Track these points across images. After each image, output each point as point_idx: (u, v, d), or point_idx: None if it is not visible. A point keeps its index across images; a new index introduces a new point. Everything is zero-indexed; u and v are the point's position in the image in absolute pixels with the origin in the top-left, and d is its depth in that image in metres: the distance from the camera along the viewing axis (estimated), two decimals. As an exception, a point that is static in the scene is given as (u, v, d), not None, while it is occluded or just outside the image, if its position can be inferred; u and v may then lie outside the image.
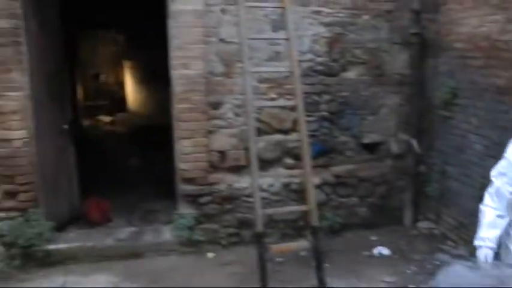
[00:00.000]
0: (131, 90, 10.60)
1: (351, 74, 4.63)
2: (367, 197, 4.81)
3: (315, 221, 3.65)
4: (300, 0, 4.34)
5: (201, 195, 4.35)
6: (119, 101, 11.71)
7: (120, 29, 10.82)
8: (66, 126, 4.67)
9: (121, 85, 12.19)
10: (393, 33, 4.67)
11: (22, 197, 4.13)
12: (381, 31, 4.64)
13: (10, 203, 4.13)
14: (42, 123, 4.27)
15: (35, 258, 4.10)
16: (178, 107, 4.19)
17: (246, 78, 3.65)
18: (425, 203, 4.85)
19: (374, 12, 4.58)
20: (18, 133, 4.05)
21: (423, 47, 4.68)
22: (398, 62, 4.73)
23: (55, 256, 4.16)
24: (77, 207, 4.87)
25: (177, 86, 4.16)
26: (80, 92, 8.89)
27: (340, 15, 4.49)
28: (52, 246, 4.18)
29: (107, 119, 12.06)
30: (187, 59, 4.10)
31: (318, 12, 4.43)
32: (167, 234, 4.42)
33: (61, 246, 4.23)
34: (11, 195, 4.12)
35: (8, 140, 4.04)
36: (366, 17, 4.57)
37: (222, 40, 4.24)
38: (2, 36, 3.89)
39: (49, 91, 4.42)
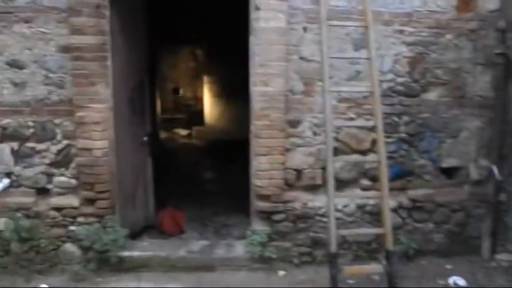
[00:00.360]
0: (209, 104, 10.84)
1: (432, 95, 4.53)
2: (444, 224, 4.67)
3: (389, 244, 3.62)
4: (383, 19, 4.33)
5: (275, 213, 4.38)
6: (196, 115, 11.99)
7: (200, 44, 11.21)
8: (145, 138, 4.83)
9: (199, 99, 12.54)
10: (476, 53, 4.56)
11: (100, 204, 4.32)
12: (464, 51, 4.54)
13: (89, 209, 4.33)
14: (123, 134, 4.46)
15: (109, 263, 4.28)
16: (256, 124, 4.25)
17: (325, 97, 3.69)
18: (505, 233, 4.67)
19: (457, 31, 4.49)
20: (99, 143, 4.23)
21: (508, 68, 4.53)
22: (481, 83, 4.60)
23: (128, 263, 4.32)
24: (151, 216, 5.04)
25: (257, 102, 4.22)
26: (158, 105, 9.12)
27: (423, 34, 4.43)
28: (126, 253, 4.34)
29: (183, 132, 12.37)
30: (267, 76, 4.16)
31: (400, 31, 4.40)
32: (239, 249, 4.48)
33: (135, 253, 4.38)
34: (90, 201, 4.32)
35: (90, 150, 4.24)
36: (448, 36, 4.48)
37: (303, 58, 4.28)
38: (89, 51, 4.09)
39: (131, 104, 4.61)
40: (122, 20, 4.36)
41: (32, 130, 4.29)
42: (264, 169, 4.28)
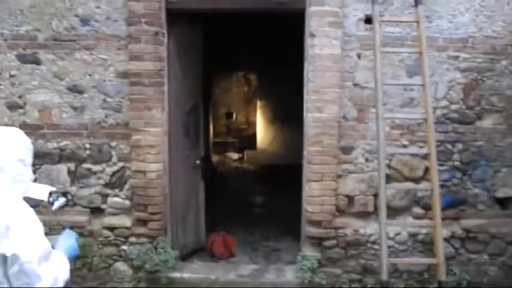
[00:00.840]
0: (261, 128, 10.97)
1: (486, 122, 4.48)
2: (499, 256, 4.57)
3: (442, 275, 3.58)
4: (437, 45, 4.34)
5: (326, 239, 4.42)
6: (249, 139, 12.20)
7: (253, 69, 11.39)
8: (198, 162, 4.96)
9: (251, 123, 12.76)
10: (533, 80, 4.46)
11: (152, 225, 4.46)
12: (520, 78, 4.44)
13: (141, 230, 4.48)
14: (176, 157, 4.62)
15: (159, 284, 4.42)
16: (309, 149, 4.31)
17: (379, 123, 3.71)
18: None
19: (513, 57, 4.42)
20: (153, 166, 4.37)
21: None
22: (538, 111, 4.49)
23: (178, 284, 4.44)
24: (202, 239, 5.16)
25: (310, 128, 4.29)
26: (211, 129, 9.29)
27: (478, 60, 4.40)
28: (176, 274, 4.45)
29: (235, 155, 12.55)
30: (321, 103, 4.23)
31: (454, 58, 4.39)
32: (289, 274, 4.53)
33: (185, 275, 4.49)
34: (142, 222, 4.47)
35: (144, 172, 4.39)
36: (504, 63, 4.44)
37: (356, 85, 4.35)
38: (148, 77, 4.28)
39: (185, 128, 4.77)
40: (179, 46, 4.55)
41: (88, 152, 4.49)
42: (315, 195, 4.32)
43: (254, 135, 11.49)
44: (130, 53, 4.24)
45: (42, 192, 2.04)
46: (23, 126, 4.35)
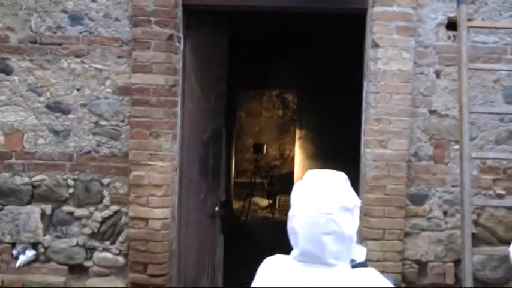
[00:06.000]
0: (300, 167, 10.95)
1: None
2: None
3: None
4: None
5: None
6: (283, 180, 12.23)
7: (291, 87, 11.52)
8: (217, 209, 4.99)
9: (286, 159, 12.70)
10: None
11: (153, 291, 4.46)
12: None
13: None
14: (189, 202, 4.69)
15: None
16: (367, 197, 4.33)
17: (463, 165, 3.75)
18: None
19: None
20: (158, 212, 4.42)
21: None
22: None
23: None
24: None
25: (369, 168, 4.32)
26: (233, 166, 9.25)
27: None
28: None
29: (264, 202, 12.52)
30: (385, 135, 4.26)
31: None
32: None
33: None
34: (140, 287, 4.46)
35: (144, 219, 4.43)
36: None
37: (433, 112, 4.38)
38: (155, 94, 4.36)
39: (201, 163, 4.83)
40: (199, 55, 4.66)
41: (71, 190, 4.56)
42: (374, 258, 4.27)
43: (290, 175, 11.48)
44: (134, 62, 4.33)
45: None
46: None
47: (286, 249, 2.06)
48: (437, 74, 4.36)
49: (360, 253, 2.28)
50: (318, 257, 1.95)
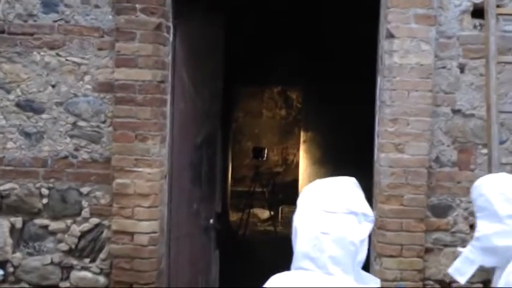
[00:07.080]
0: (305, 173, 10.88)
1: None
2: None
3: None
4: None
5: None
6: (286, 189, 12.23)
7: (295, 84, 11.47)
8: (211, 221, 4.96)
9: (290, 165, 12.67)
10: None
11: (138, 317, 4.38)
12: None
13: None
14: (180, 214, 4.64)
15: None
16: (382, 208, 4.23)
17: (492, 172, 3.59)
18: None
19: None
20: (145, 225, 4.31)
21: None
22: None
23: None
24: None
25: (384, 176, 4.22)
26: (230, 173, 9.26)
27: None
28: None
29: (264, 214, 12.45)
30: (402, 137, 4.16)
31: None
32: None
33: None
34: None
35: (129, 234, 4.32)
36: None
37: (457, 111, 4.26)
38: (142, 92, 4.26)
39: (194, 169, 4.80)
40: (190, 47, 4.60)
41: (45, 201, 4.45)
42: (390, 278, 4.20)
43: (294, 184, 11.47)
44: (117, 55, 4.24)
45: None
46: None
47: (287, 265, 1.97)
48: (462, 68, 4.25)
49: (371, 280, 2.13)
50: (316, 262, 1.92)
